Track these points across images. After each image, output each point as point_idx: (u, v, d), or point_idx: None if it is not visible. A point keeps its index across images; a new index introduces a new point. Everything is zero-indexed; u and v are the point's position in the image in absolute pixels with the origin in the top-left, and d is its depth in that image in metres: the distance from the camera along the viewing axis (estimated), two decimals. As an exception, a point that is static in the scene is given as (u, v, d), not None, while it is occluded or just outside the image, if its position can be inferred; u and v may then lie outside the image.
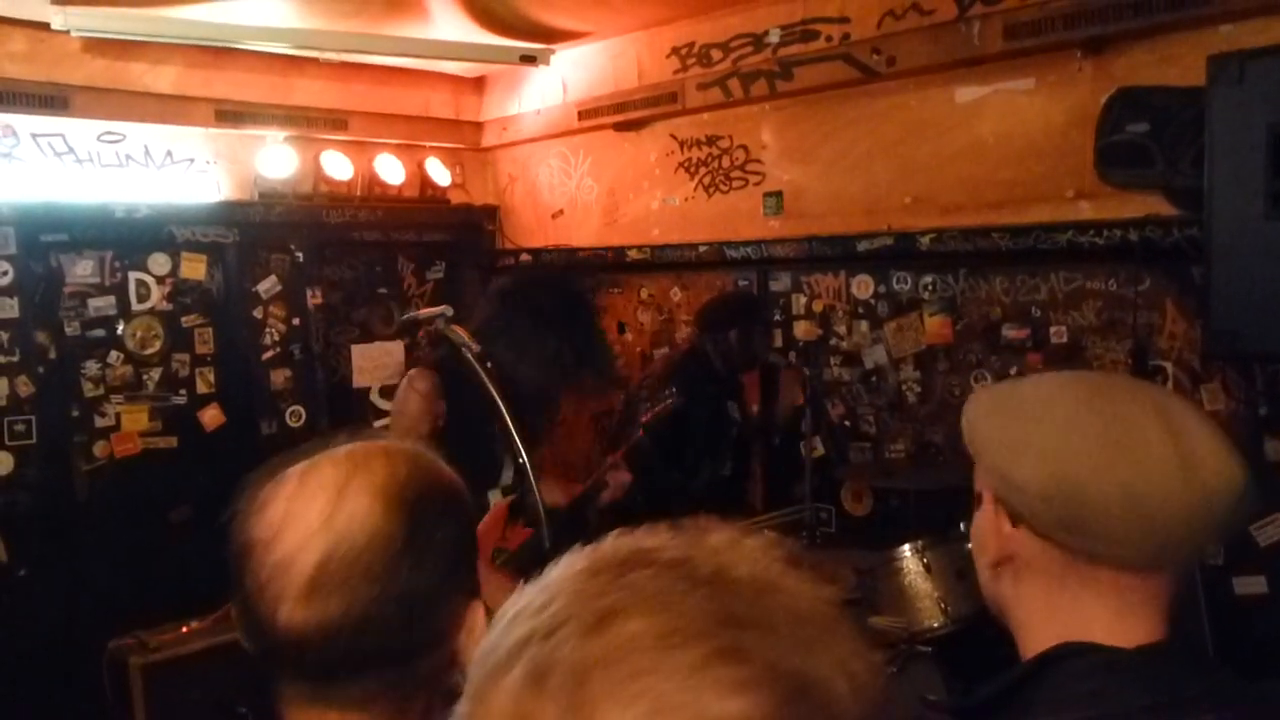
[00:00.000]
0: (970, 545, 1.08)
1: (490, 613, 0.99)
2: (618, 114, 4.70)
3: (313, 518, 0.88)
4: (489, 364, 2.33)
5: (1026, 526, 0.98)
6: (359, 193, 4.93)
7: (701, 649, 0.45)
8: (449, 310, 2.47)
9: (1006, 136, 3.57)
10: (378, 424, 4.58)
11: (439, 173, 5.21)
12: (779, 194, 4.28)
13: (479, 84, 5.39)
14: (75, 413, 4.17)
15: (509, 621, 0.51)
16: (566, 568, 0.53)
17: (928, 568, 3.02)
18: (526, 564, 2.82)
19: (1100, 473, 0.91)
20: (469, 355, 2.33)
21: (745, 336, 3.84)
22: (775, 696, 0.44)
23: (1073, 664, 0.93)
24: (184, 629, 3.46)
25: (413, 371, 2.89)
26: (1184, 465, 0.90)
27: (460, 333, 2.41)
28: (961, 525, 1.13)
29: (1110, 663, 0.92)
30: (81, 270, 4.20)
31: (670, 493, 3.56)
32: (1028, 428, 0.98)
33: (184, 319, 4.47)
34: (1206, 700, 0.89)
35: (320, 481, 0.90)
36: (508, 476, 2.85)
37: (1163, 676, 0.91)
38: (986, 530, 1.03)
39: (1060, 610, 0.97)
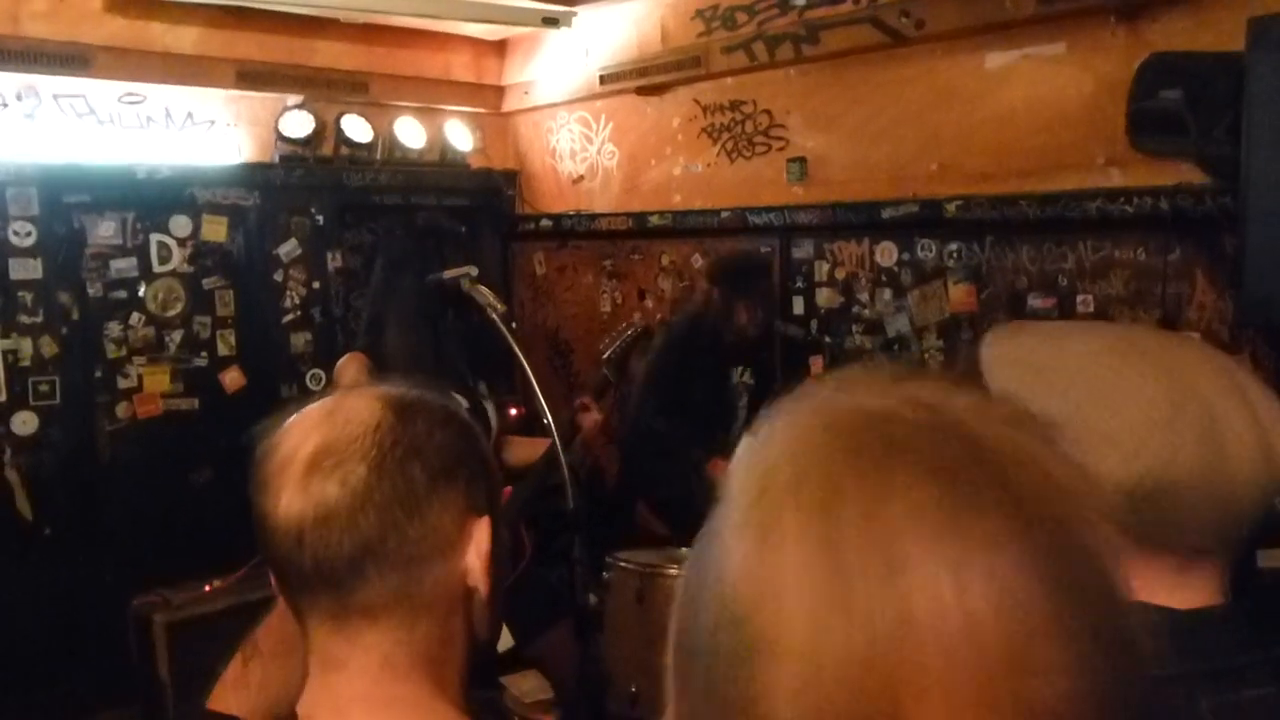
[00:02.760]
0: None
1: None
2: (640, 78, 4.65)
3: (315, 415, 0.95)
4: (514, 324, 2.33)
5: None
6: (379, 156, 4.91)
7: (988, 522, 0.45)
8: (474, 270, 2.47)
9: (1036, 103, 3.51)
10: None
11: (459, 137, 5.19)
12: (803, 160, 4.23)
13: (500, 47, 5.35)
14: (98, 373, 4.19)
15: (758, 484, 0.49)
16: (794, 426, 0.51)
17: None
18: (514, 518, 2.84)
19: (1196, 476, 0.87)
20: (494, 315, 2.32)
21: (766, 298, 3.82)
22: (1057, 563, 0.45)
23: None
24: (206, 588, 3.51)
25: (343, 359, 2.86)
26: (1266, 455, 0.88)
27: (485, 293, 2.40)
28: None
29: (1169, 623, 0.91)
30: (104, 231, 4.20)
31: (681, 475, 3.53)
32: (1093, 413, 0.91)
33: (205, 281, 4.47)
34: (1258, 670, 0.88)
35: (323, 399, 0.98)
36: None
37: (1220, 642, 0.90)
38: None
39: None
